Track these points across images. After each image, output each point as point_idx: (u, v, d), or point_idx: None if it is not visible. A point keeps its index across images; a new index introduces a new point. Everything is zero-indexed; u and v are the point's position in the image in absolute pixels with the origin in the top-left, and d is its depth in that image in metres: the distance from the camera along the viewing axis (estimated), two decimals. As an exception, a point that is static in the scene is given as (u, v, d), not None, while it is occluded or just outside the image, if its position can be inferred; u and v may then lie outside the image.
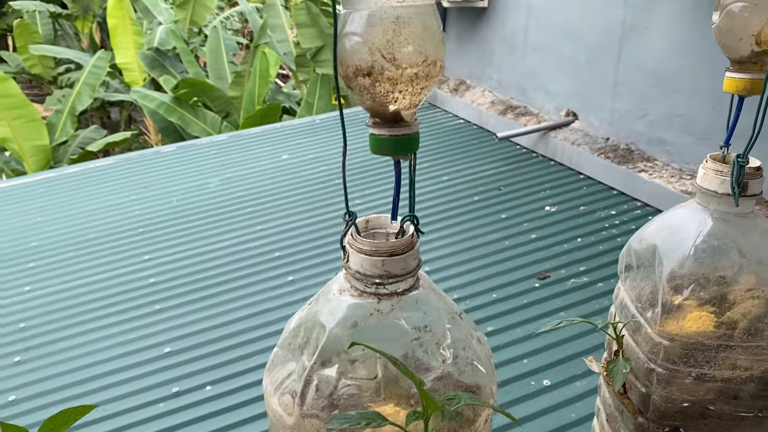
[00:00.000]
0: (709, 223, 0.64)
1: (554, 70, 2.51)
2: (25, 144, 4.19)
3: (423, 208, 2.16)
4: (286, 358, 0.50)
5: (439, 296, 0.52)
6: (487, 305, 1.64)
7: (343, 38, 0.43)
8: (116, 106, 7.03)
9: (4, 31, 8.55)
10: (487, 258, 1.85)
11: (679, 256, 0.63)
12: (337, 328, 0.48)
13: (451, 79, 3.11)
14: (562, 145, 2.38)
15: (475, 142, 2.68)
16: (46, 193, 2.53)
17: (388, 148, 0.47)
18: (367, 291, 0.49)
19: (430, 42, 0.43)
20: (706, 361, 0.62)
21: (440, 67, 0.45)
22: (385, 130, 0.46)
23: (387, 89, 0.43)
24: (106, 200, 2.41)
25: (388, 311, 0.48)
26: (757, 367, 0.61)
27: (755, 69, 0.62)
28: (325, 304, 0.50)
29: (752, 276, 0.61)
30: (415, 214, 0.51)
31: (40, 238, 2.14)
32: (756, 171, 0.63)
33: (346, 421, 0.44)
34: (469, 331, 0.52)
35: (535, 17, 2.56)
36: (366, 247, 0.48)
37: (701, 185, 0.65)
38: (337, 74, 0.45)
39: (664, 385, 0.63)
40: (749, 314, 0.59)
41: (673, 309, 0.62)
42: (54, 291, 1.82)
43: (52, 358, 1.55)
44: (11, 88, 4.01)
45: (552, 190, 2.21)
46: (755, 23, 0.59)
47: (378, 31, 0.42)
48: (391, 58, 0.42)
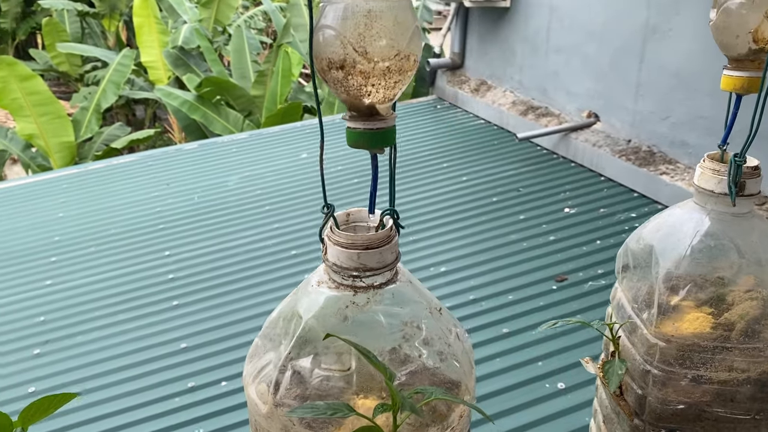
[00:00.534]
0: (706, 223, 0.63)
1: (576, 71, 2.49)
2: (51, 140, 4.26)
3: (442, 208, 2.16)
4: (265, 347, 0.50)
5: (418, 291, 0.52)
6: (504, 307, 1.63)
7: (317, 31, 0.44)
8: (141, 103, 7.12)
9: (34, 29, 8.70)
10: (505, 259, 1.84)
11: (675, 256, 0.62)
12: (313, 320, 0.48)
13: (473, 79, 3.10)
14: (583, 146, 2.36)
15: (495, 143, 2.66)
16: (69, 189, 2.57)
17: (364, 142, 0.48)
18: (344, 283, 0.49)
19: (403, 36, 0.43)
20: (703, 362, 0.61)
21: (414, 62, 0.45)
22: (360, 123, 0.47)
23: (360, 82, 0.44)
24: (128, 196, 2.44)
25: (364, 304, 0.48)
26: (754, 369, 0.60)
27: (753, 67, 0.61)
28: (304, 296, 0.51)
29: (750, 277, 0.60)
30: (395, 209, 0.52)
31: (63, 233, 2.17)
32: (754, 170, 0.62)
33: (312, 410, 0.44)
34: (447, 326, 0.52)
35: (557, 17, 2.54)
36: (342, 239, 0.48)
37: (698, 184, 0.64)
38: (314, 67, 0.45)
39: (660, 386, 0.63)
40: (747, 315, 0.58)
41: (669, 310, 0.61)
42: (74, 285, 1.85)
43: (71, 351, 1.57)
44: (38, 86, 4.08)
45: (572, 192, 2.19)
46: (752, 20, 0.58)
47: (350, 24, 0.42)
48: (362, 51, 0.42)
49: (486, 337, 1.54)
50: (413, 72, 0.45)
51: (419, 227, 2.05)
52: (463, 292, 1.71)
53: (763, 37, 0.58)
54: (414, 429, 0.48)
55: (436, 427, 0.48)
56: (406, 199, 2.23)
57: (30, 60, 7.80)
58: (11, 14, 8.34)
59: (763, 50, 0.60)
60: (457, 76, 3.18)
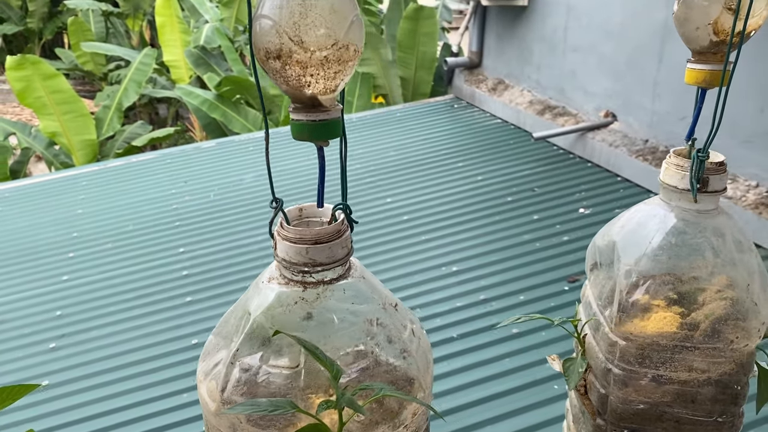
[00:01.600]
0: (669, 220, 0.61)
1: (594, 71, 2.46)
2: (74, 138, 4.32)
3: (456, 208, 2.15)
4: (218, 345, 0.50)
5: (372, 286, 0.51)
6: (515, 307, 1.63)
7: (255, 20, 0.43)
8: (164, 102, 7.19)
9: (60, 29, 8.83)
10: (517, 259, 1.83)
11: (636, 253, 0.61)
12: (261, 316, 0.48)
13: (490, 78, 3.09)
14: (599, 146, 2.34)
15: (511, 142, 2.65)
16: (89, 186, 2.60)
17: (307, 134, 0.46)
18: (293, 279, 0.48)
19: (341, 25, 0.43)
20: (662, 362, 0.60)
21: (355, 52, 0.44)
22: (303, 115, 0.46)
23: (297, 72, 0.43)
24: (146, 194, 2.47)
25: (314, 300, 0.48)
26: (715, 370, 0.59)
27: (715, 60, 0.60)
28: (255, 292, 0.50)
29: (713, 275, 0.59)
30: (347, 203, 0.51)
31: (81, 229, 2.21)
32: (718, 166, 0.59)
33: (254, 407, 0.44)
34: (402, 322, 0.51)
35: (575, 17, 2.52)
36: (291, 234, 0.47)
37: (662, 180, 0.62)
38: (254, 58, 0.44)
39: (621, 385, 0.62)
40: (711, 315, 0.57)
41: (628, 308, 0.60)
42: (91, 281, 1.88)
43: (86, 345, 1.59)
44: (61, 84, 4.14)
45: (587, 192, 2.17)
46: (712, 12, 0.56)
47: (285, 13, 0.42)
48: (298, 40, 0.42)
49: (496, 337, 1.53)
50: (355, 62, 0.45)
51: (433, 226, 2.05)
52: (474, 291, 1.70)
53: (724, 29, 0.56)
54: (363, 427, 0.47)
55: (386, 424, 0.48)
56: (421, 198, 2.23)
57: (56, 59, 7.93)
58: (38, 14, 8.48)
59: (724, 42, 0.58)
60: (474, 75, 3.17)
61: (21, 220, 2.31)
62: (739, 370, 0.59)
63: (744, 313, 0.57)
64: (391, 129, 2.91)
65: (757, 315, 0.58)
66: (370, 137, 2.83)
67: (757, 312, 0.57)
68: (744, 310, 0.57)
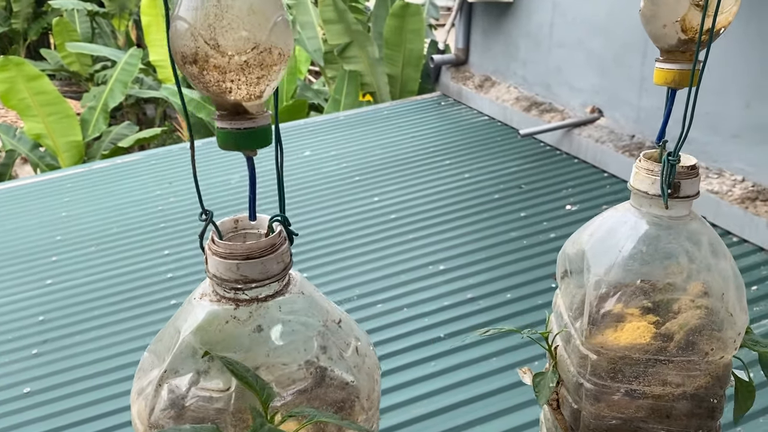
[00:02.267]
0: (640, 227, 0.58)
1: (580, 66, 2.46)
2: (59, 140, 4.28)
3: (443, 206, 2.14)
4: (152, 364, 0.47)
5: (312, 302, 0.48)
6: (502, 305, 1.62)
7: (171, 22, 0.41)
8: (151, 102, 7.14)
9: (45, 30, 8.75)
10: (505, 257, 1.83)
11: (605, 263, 0.58)
12: (191, 336, 0.45)
13: (476, 75, 3.08)
14: (586, 142, 2.33)
15: (498, 139, 2.64)
16: (74, 188, 2.57)
17: (233, 143, 0.44)
18: (225, 296, 0.46)
19: (261, 27, 0.40)
20: (635, 376, 0.57)
21: (280, 55, 0.41)
22: (227, 123, 0.43)
23: (216, 78, 0.41)
24: (131, 195, 2.45)
25: (246, 319, 0.45)
26: (690, 384, 0.56)
27: (684, 59, 0.56)
28: (187, 309, 0.47)
29: (687, 284, 0.56)
30: (285, 215, 0.49)
31: (65, 232, 2.18)
32: (690, 170, 0.57)
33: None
34: (345, 340, 0.48)
35: (560, 12, 2.51)
36: (221, 249, 0.45)
37: (633, 185, 0.59)
38: (173, 62, 0.42)
39: (593, 401, 0.59)
40: (686, 325, 0.54)
41: (598, 320, 0.57)
42: (74, 285, 1.85)
43: (69, 351, 1.57)
44: (45, 85, 4.10)
45: (574, 189, 2.16)
46: (680, 8, 0.53)
47: (200, 14, 0.39)
48: (214, 44, 0.39)
49: (483, 336, 1.52)
50: (281, 66, 0.42)
51: (420, 225, 2.04)
52: (461, 290, 1.70)
53: (692, 27, 0.53)
54: None
55: None
56: (408, 196, 2.22)
57: (41, 60, 7.86)
58: (23, 15, 8.40)
59: (693, 40, 0.54)
60: (461, 72, 3.16)
61: (4, 224, 2.28)
62: (715, 383, 0.57)
63: (719, 323, 0.55)
64: (379, 127, 2.90)
65: (732, 325, 0.55)
66: (357, 136, 2.82)
67: (732, 322, 0.55)
68: (719, 320, 0.55)
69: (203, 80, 0.41)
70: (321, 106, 5.13)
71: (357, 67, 4.24)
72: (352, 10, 4.40)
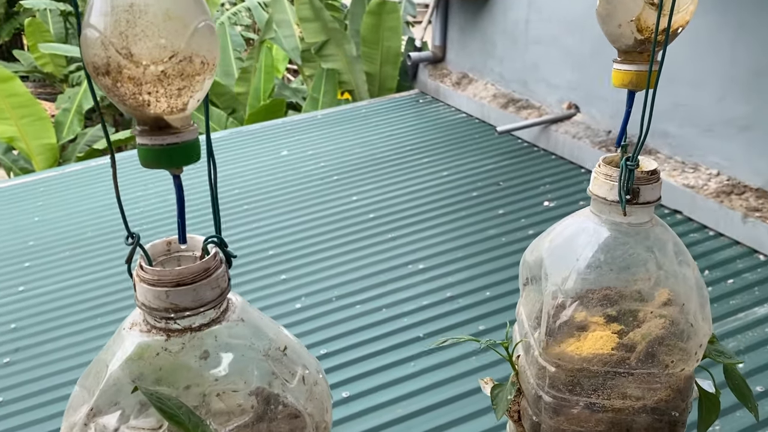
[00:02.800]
0: (600, 235, 0.56)
1: (556, 62, 2.46)
2: (33, 143, 4.21)
3: (422, 204, 2.13)
4: (82, 398, 0.44)
5: (254, 329, 0.45)
6: (480, 303, 1.62)
7: (83, 30, 0.37)
8: (127, 103, 7.06)
9: (17, 30, 8.61)
10: (483, 255, 1.82)
11: (563, 272, 0.55)
12: (119, 370, 0.42)
13: (454, 72, 3.08)
14: (563, 138, 2.34)
15: (476, 137, 2.64)
16: (47, 192, 2.53)
17: (154, 160, 0.40)
18: (156, 326, 0.42)
19: (179, 34, 0.37)
20: (594, 389, 0.55)
21: (202, 64, 0.38)
22: (148, 138, 0.39)
23: (131, 90, 0.37)
24: (107, 198, 2.41)
25: (178, 351, 0.42)
26: (650, 397, 0.54)
27: (641, 60, 0.55)
28: (116, 340, 0.44)
29: (648, 293, 0.54)
30: (221, 236, 0.45)
31: (38, 238, 2.14)
32: (650, 175, 0.54)
33: None
34: (290, 369, 0.45)
35: (536, 9, 2.52)
36: (148, 275, 0.41)
37: (591, 191, 0.57)
38: (87, 72, 0.39)
39: (552, 414, 0.57)
40: (649, 335, 0.52)
41: (555, 331, 0.55)
42: (47, 291, 1.82)
43: (42, 359, 1.54)
44: (17, 87, 4.03)
45: (552, 185, 2.17)
46: (634, 8, 0.51)
47: (110, 21, 0.36)
48: (127, 53, 0.36)
49: (462, 334, 1.52)
50: (205, 76, 0.39)
51: (399, 224, 2.03)
52: (440, 289, 1.69)
53: (647, 26, 0.51)
54: None
55: None
56: (387, 195, 2.21)
57: (14, 61, 7.73)
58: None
59: (649, 41, 0.52)
60: (438, 70, 3.15)
61: (-25, 230, 2.23)
62: (676, 396, 0.55)
63: (680, 334, 0.54)
64: (357, 126, 2.88)
65: (694, 336, 0.54)
66: (335, 134, 2.80)
67: (694, 333, 0.53)
68: (679, 331, 0.54)
69: (118, 93, 0.38)
70: (299, 104, 5.10)
71: (335, 65, 4.22)
72: (328, 8, 4.37)
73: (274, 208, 2.19)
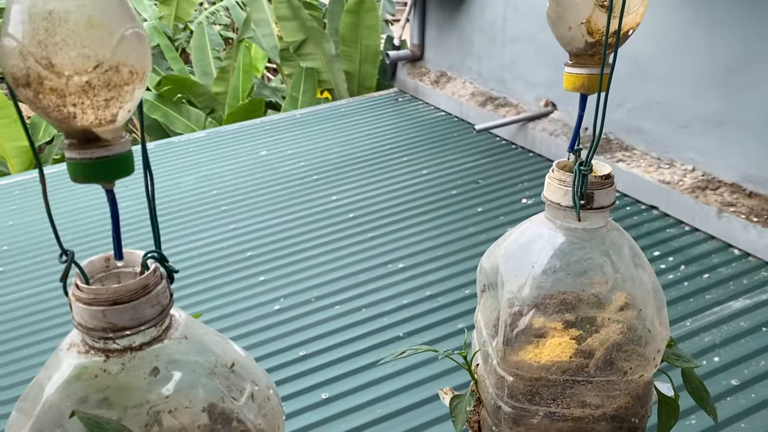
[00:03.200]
0: (555, 241, 0.55)
1: (533, 60, 2.47)
2: (8, 145, 4.14)
3: (401, 203, 2.13)
4: (19, 424, 0.42)
5: (199, 346, 0.44)
6: (460, 302, 1.62)
7: (1, 39, 0.35)
8: (104, 104, 6.98)
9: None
10: (463, 253, 1.83)
11: (519, 280, 0.55)
12: (55, 394, 0.40)
13: (432, 71, 3.08)
14: (540, 135, 2.35)
15: (455, 135, 2.64)
16: (22, 195, 2.49)
17: (83, 175, 0.38)
18: (95, 346, 0.40)
19: (104, 43, 0.35)
20: (553, 398, 0.54)
21: (131, 73, 0.37)
22: (76, 152, 0.38)
23: (55, 102, 0.35)
24: (84, 201, 2.38)
25: (118, 372, 0.40)
26: (610, 405, 0.54)
27: (592, 63, 0.54)
28: (54, 361, 0.42)
29: (607, 298, 0.53)
30: (161, 251, 0.44)
31: (12, 242, 2.11)
32: (604, 180, 0.54)
33: None
34: (239, 386, 0.44)
35: (512, 6, 2.52)
36: (83, 294, 0.39)
37: (545, 196, 0.56)
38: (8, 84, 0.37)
39: (511, 424, 0.56)
40: (607, 341, 0.52)
41: (512, 340, 0.54)
42: (22, 296, 1.79)
43: (16, 366, 1.52)
44: (-8, 89, 3.97)
45: (530, 182, 2.18)
46: (584, 10, 0.51)
47: (28, 30, 0.34)
48: (47, 64, 0.34)
49: (442, 333, 1.52)
50: (135, 86, 0.37)
51: (379, 223, 2.02)
52: (420, 288, 1.69)
53: (598, 29, 0.51)
54: None
55: None
56: (366, 194, 2.20)
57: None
58: (-34, 16, 8.14)
59: (600, 43, 0.52)
60: (417, 68, 3.15)
61: (-53, 235, 2.19)
62: (635, 403, 0.55)
63: (638, 340, 0.53)
64: (336, 125, 2.87)
65: (652, 341, 0.53)
66: (314, 134, 2.79)
67: (652, 338, 0.53)
68: (637, 337, 0.53)
69: (41, 105, 0.36)
70: (279, 104, 5.08)
71: (314, 64, 4.20)
72: (306, 7, 4.35)
73: (252, 208, 2.18)
